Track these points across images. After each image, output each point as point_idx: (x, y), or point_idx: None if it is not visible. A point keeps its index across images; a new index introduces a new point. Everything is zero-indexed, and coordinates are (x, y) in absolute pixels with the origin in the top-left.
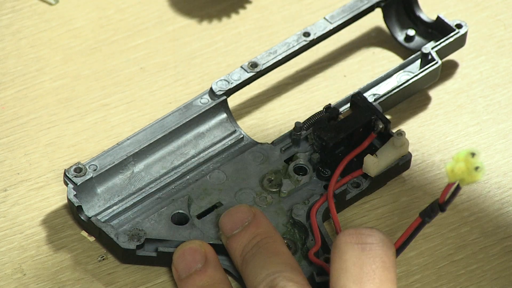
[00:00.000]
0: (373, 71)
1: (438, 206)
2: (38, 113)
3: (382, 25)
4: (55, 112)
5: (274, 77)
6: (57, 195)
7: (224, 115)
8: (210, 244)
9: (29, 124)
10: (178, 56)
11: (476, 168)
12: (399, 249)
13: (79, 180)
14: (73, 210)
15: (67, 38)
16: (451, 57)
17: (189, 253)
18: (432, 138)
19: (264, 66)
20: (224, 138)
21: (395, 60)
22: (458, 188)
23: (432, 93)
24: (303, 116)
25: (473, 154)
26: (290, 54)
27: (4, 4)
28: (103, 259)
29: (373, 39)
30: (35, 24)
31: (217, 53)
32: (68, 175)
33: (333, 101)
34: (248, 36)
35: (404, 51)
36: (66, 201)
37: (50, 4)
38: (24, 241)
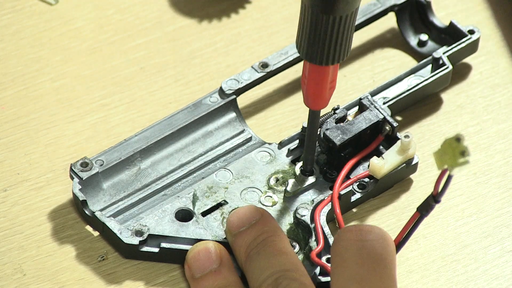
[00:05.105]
0: (372, 71)
1: (432, 198)
2: (38, 113)
3: (385, 27)
4: (55, 112)
5: (274, 77)
6: (57, 195)
7: (233, 114)
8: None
9: (29, 124)
10: (178, 56)
11: (462, 153)
12: (399, 245)
13: (85, 175)
14: (77, 204)
15: (67, 38)
16: None
17: (204, 254)
18: (432, 138)
19: (275, 67)
20: (232, 137)
21: (396, 60)
22: (449, 177)
23: (432, 93)
24: (302, 116)
25: (458, 139)
26: None
27: (4, 4)
28: (103, 259)
29: (374, 40)
30: (35, 24)
31: (217, 53)
32: (74, 169)
33: (333, 101)
34: (248, 36)
35: (417, 56)
36: (66, 201)
37: (50, 4)
38: (24, 241)
